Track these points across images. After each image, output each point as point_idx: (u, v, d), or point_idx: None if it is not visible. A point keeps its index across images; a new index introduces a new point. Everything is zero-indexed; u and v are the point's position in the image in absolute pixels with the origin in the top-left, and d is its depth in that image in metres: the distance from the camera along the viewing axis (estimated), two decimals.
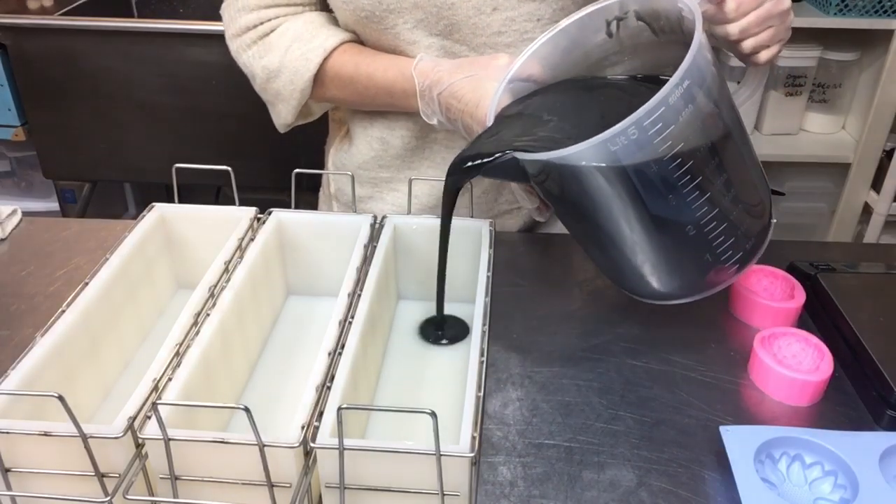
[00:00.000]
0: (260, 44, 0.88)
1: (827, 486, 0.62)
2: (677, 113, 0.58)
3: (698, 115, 0.60)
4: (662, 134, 0.58)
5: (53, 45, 1.72)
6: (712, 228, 0.64)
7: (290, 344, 0.78)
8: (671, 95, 0.57)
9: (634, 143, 0.58)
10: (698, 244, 0.65)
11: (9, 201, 1.57)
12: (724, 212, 0.64)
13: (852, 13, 1.75)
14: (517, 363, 0.75)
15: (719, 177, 0.64)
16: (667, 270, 0.69)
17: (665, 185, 0.61)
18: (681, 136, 0.59)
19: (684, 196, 0.62)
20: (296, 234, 0.80)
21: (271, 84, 0.89)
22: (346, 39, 0.88)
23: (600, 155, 0.59)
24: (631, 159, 0.59)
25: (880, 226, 1.92)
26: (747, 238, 0.68)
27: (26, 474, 0.56)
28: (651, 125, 0.57)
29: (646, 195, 0.62)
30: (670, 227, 0.64)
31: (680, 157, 0.59)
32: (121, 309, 0.72)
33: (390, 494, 0.55)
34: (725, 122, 0.64)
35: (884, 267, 0.87)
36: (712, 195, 0.63)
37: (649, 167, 0.60)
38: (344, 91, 0.88)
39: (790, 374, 0.70)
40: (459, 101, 0.77)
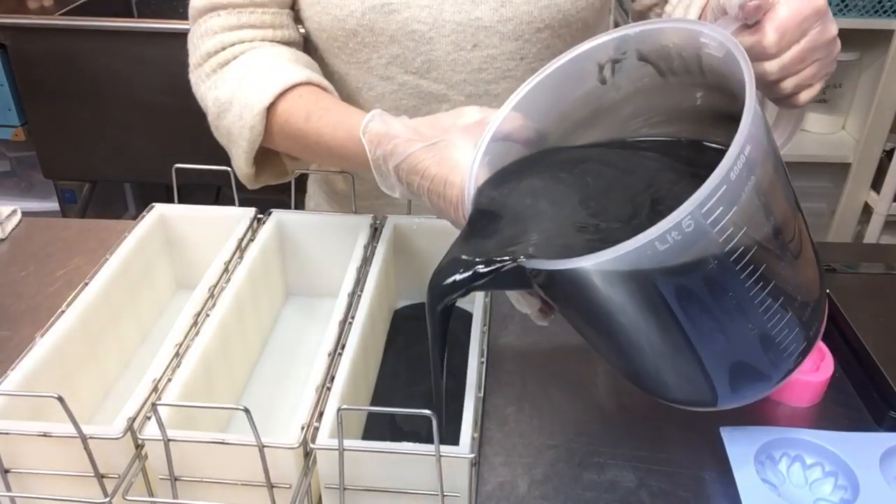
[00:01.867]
0: (217, 73, 0.78)
1: (827, 487, 0.62)
2: (739, 190, 0.44)
3: (760, 188, 0.46)
4: (723, 221, 0.44)
5: (53, 45, 1.72)
6: (776, 322, 0.51)
7: (290, 344, 0.78)
8: (733, 169, 0.43)
9: (688, 238, 0.44)
10: (760, 343, 0.52)
11: (9, 201, 1.57)
12: (789, 299, 0.51)
13: (852, 13, 1.75)
14: (517, 363, 0.75)
15: (784, 257, 0.51)
16: (722, 379, 0.54)
17: (723, 282, 0.47)
18: (743, 219, 0.45)
19: (746, 291, 0.48)
20: (296, 235, 0.80)
21: (222, 120, 0.77)
22: (309, 80, 0.75)
23: (643, 258, 0.44)
24: (681, 258, 0.45)
25: (880, 226, 1.92)
26: (811, 323, 0.55)
27: (26, 475, 0.56)
28: (710, 212, 0.43)
29: (698, 297, 0.48)
30: (727, 331, 0.51)
31: (742, 246, 0.46)
32: (121, 309, 0.72)
33: (390, 495, 0.55)
34: (783, 186, 0.51)
35: (884, 267, 0.87)
36: (777, 283, 0.50)
37: (705, 264, 0.46)
38: (294, 144, 0.76)
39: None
40: (422, 177, 0.60)
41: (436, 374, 0.58)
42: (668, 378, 0.55)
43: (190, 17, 0.80)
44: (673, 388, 0.56)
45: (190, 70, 0.81)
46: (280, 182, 0.86)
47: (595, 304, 0.49)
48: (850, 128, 1.99)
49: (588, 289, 0.48)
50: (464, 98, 0.82)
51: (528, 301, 0.59)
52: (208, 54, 0.78)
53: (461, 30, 0.78)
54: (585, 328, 0.56)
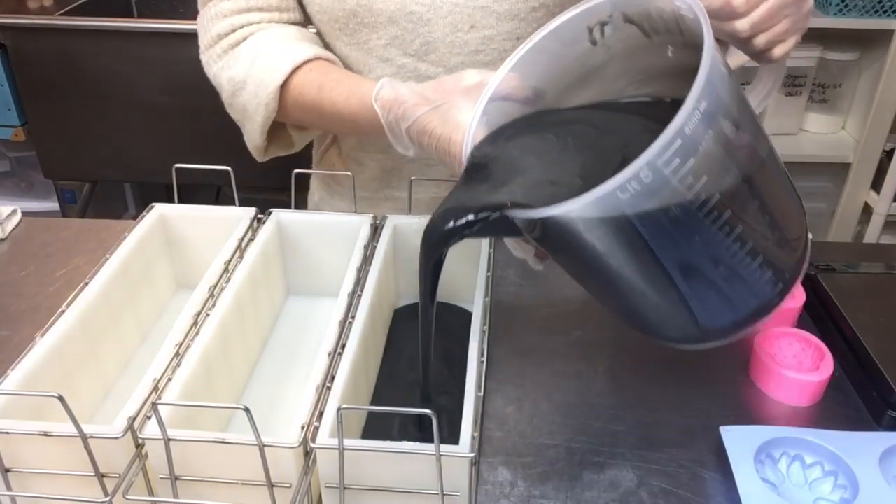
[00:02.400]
0: (230, 54, 0.83)
1: (827, 487, 0.62)
2: (696, 143, 0.48)
3: (720, 139, 0.49)
4: (681, 171, 0.48)
5: (53, 45, 1.72)
6: (748, 264, 0.54)
7: (290, 344, 0.78)
8: (687, 124, 0.47)
9: (648, 188, 0.48)
10: (733, 283, 0.55)
11: (9, 201, 1.57)
12: (761, 242, 0.55)
13: (852, 13, 1.75)
14: (517, 363, 0.75)
15: (751, 203, 0.54)
16: (697, 317, 0.57)
17: (689, 227, 0.51)
18: (703, 169, 0.49)
19: (712, 235, 0.52)
20: (296, 234, 0.80)
21: (237, 98, 0.82)
22: (317, 56, 0.81)
23: (608, 206, 0.49)
24: (645, 206, 0.49)
25: (880, 226, 1.92)
26: (787, 264, 0.58)
27: (26, 474, 0.56)
28: (666, 163, 0.47)
29: (666, 242, 0.51)
30: (698, 272, 0.54)
31: (704, 194, 0.49)
32: (121, 309, 0.72)
33: (390, 494, 0.55)
34: (750, 137, 0.54)
35: (884, 267, 0.87)
36: (745, 227, 0.53)
37: (668, 211, 0.49)
38: (308, 114, 0.81)
39: (790, 374, 0.70)
40: (430, 136, 0.67)
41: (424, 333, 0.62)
42: (654, 315, 0.58)
43: (199, 1, 0.84)
44: (659, 325, 0.59)
45: (201, 51, 0.86)
46: (287, 153, 0.90)
47: (576, 247, 0.53)
48: (850, 128, 1.99)
49: (567, 234, 0.52)
50: None
51: (523, 248, 0.65)
52: (219, 36, 0.83)
53: (458, 11, 0.80)
54: (574, 270, 0.60)
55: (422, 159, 0.90)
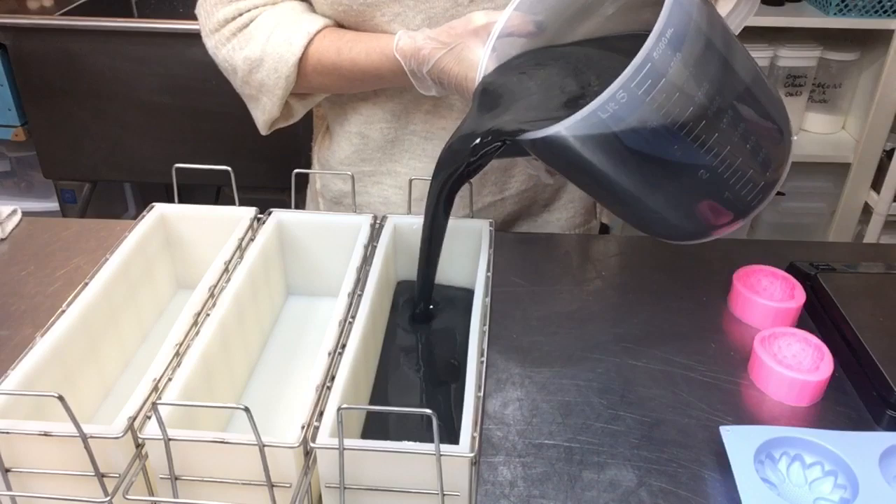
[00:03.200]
0: (239, 35, 0.86)
1: (827, 487, 0.62)
2: (665, 66, 0.55)
3: (689, 60, 0.56)
4: (653, 91, 0.55)
5: (53, 45, 1.72)
6: (726, 167, 0.62)
7: (290, 344, 0.78)
8: (654, 50, 0.54)
9: (626, 107, 0.55)
10: (715, 185, 0.63)
11: (9, 201, 1.57)
12: (737, 149, 0.62)
13: (852, 13, 1.75)
14: (517, 363, 0.75)
15: (725, 114, 0.60)
16: (688, 214, 0.66)
17: (668, 138, 0.58)
18: (674, 87, 0.56)
19: (690, 144, 0.59)
20: (296, 234, 0.80)
21: (254, 75, 0.86)
22: (327, 24, 0.86)
23: (593, 125, 0.57)
24: (627, 123, 0.56)
25: (880, 226, 1.92)
26: (766, 166, 0.66)
27: (26, 474, 0.56)
28: (638, 86, 0.54)
29: (650, 153, 0.59)
30: (682, 177, 0.62)
31: (678, 108, 0.57)
32: (121, 309, 0.72)
33: (390, 494, 0.55)
34: (722, 56, 0.60)
35: (884, 267, 0.87)
36: (720, 136, 0.60)
37: (647, 125, 0.57)
38: (329, 78, 0.86)
39: (790, 374, 0.70)
40: (448, 75, 0.76)
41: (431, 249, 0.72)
42: (649, 215, 0.67)
43: None
44: (658, 224, 0.69)
45: (204, 35, 0.89)
46: (288, 123, 0.95)
47: (574, 161, 0.61)
48: (850, 128, 1.99)
49: (564, 151, 0.60)
50: None
51: (533, 165, 0.76)
52: (225, 20, 0.86)
53: None
54: (578, 180, 0.71)
55: (421, 132, 0.93)
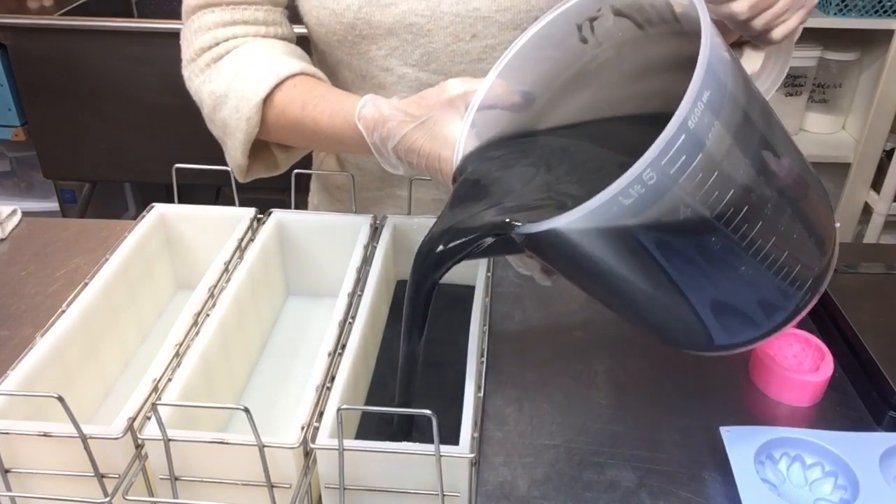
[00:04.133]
0: (212, 67, 0.78)
1: (827, 487, 0.62)
2: (702, 137, 0.44)
3: (728, 131, 0.45)
4: (687, 170, 0.44)
5: (53, 45, 1.72)
6: (766, 278, 0.51)
7: (290, 344, 0.78)
8: (690, 117, 0.43)
9: (653, 190, 0.43)
10: (749, 298, 0.53)
11: (9, 201, 1.57)
12: (783, 239, 0.51)
13: (852, 13, 1.75)
14: (517, 363, 0.75)
15: (769, 198, 0.49)
16: (710, 330, 0.54)
17: (703, 230, 0.47)
18: (711, 165, 0.45)
19: (729, 236, 0.48)
20: (296, 234, 0.80)
21: (218, 113, 0.78)
22: (303, 71, 0.77)
23: (612, 214, 0.45)
24: (652, 211, 0.45)
25: (880, 226, 1.92)
26: (813, 260, 0.55)
27: (26, 475, 0.56)
28: (671, 162, 0.43)
29: (679, 248, 0.48)
30: (719, 277, 0.51)
31: (716, 191, 0.45)
32: (121, 309, 0.72)
33: (390, 495, 0.55)
34: (761, 128, 0.50)
35: (884, 267, 0.87)
36: (765, 224, 0.49)
37: (679, 214, 0.45)
38: (291, 134, 0.77)
39: (790, 374, 0.70)
40: (418, 154, 0.64)
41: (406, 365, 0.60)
42: (662, 323, 0.56)
43: (183, 14, 0.80)
44: (669, 332, 0.57)
45: (183, 66, 0.82)
46: (271, 175, 0.86)
47: (582, 262, 0.50)
48: (850, 128, 1.99)
49: (570, 248, 0.48)
50: None
51: (526, 264, 0.62)
52: (202, 49, 0.78)
53: (459, 21, 0.78)
54: (584, 284, 0.57)
55: None
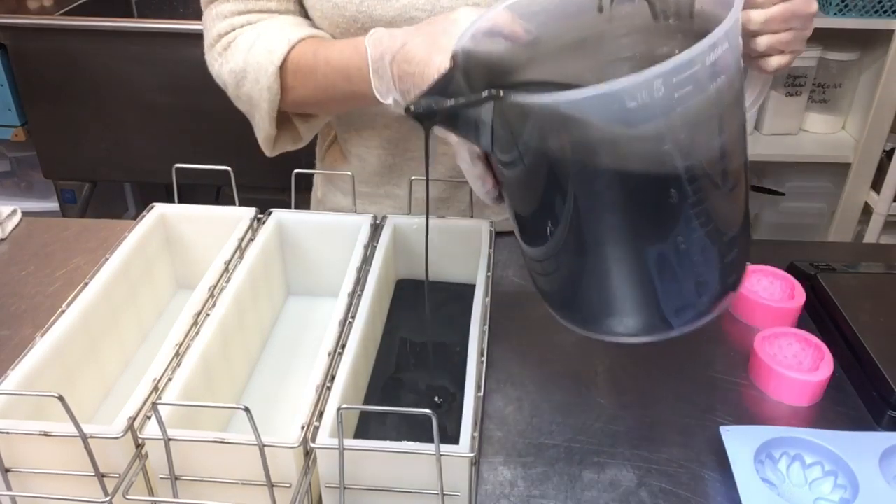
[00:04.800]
0: (228, 50, 0.83)
1: (827, 487, 0.62)
2: (707, 82, 0.47)
3: (721, 98, 0.49)
4: (688, 102, 0.46)
5: (53, 45, 1.72)
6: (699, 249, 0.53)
7: (290, 344, 0.78)
8: (707, 55, 0.46)
9: (655, 105, 0.46)
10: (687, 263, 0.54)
11: (9, 201, 1.57)
12: (719, 230, 0.54)
13: (852, 13, 1.75)
14: (517, 363, 0.75)
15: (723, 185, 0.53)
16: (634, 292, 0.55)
17: (669, 173, 0.49)
18: (702, 115, 0.48)
19: (686, 195, 0.50)
20: (296, 234, 0.80)
21: (241, 89, 0.82)
22: (315, 34, 0.81)
23: (612, 111, 0.46)
24: (644, 128, 0.47)
25: (880, 226, 1.92)
26: (732, 270, 0.57)
27: (26, 474, 0.56)
28: (679, 85, 0.46)
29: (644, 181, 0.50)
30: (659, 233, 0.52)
31: (694, 142, 0.49)
32: (121, 309, 0.72)
33: (390, 494, 0.56)
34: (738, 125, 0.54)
35: (884, 267, 0.87)
36: (711, 204, 0.52)
37: (661, 143, 0.48)
38: (307, 85, 0.80)
39: (790, 374, 0.70)
40: (410, 63, 0.64)
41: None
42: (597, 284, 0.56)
43: (202, 1, 0.85)
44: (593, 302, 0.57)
45: (205, 51, 0.86)
46: (296, 147, 0.90)
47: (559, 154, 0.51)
48: (850, 128, 1.99)
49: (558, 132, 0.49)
50: None
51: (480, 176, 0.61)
52: (219, 35, 0.83)
53: None
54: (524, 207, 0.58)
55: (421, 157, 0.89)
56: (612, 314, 0.57)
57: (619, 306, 0.57)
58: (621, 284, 0.55)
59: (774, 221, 2.07)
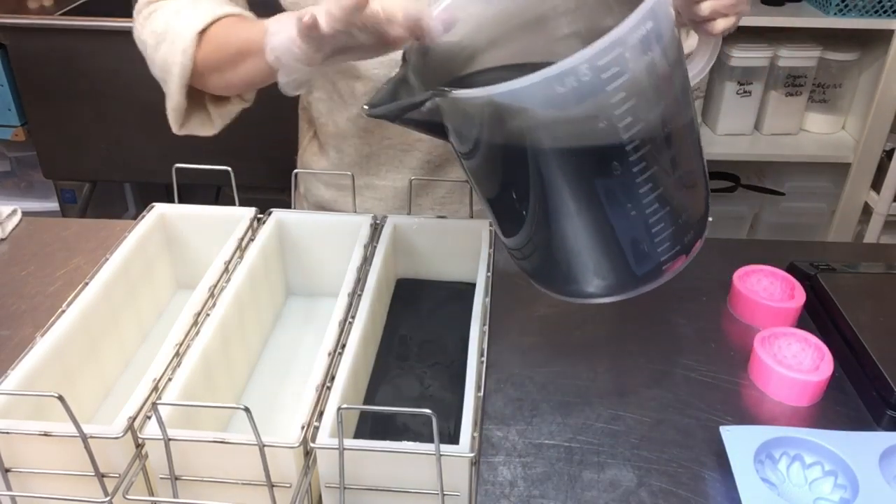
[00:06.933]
0: (155, 13, 0.82)
1: (827, 486, 0.62)
2: (635, 60, 0.50)
3: (654, 70, 0.52)
4: (616, 81, 0.49)
5: (53, 45, 1.72)
6: (655, 210, 0.56)
7: (290, 344, 0.78)
8: (630, 35, 0.49)
9: (585, 88, 0.49)
10: (638, 227, 0.57)
11: (9, 201, 1.57)
12: (669, 193, 0.57)
13: (852, 13, 1.75)
14: (517, 363, 0.75)
15: (667, 150, 0.56)
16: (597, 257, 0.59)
17: (610, 146, 0.52)
18: (634, 90, 0.51)
19: (630, 165, 0.53)
20: (296, 234, 0.80)
21: (158, 52, 0.80)
22: (240, 14, 0.80)
23: (544, 97, 0.50)
24: (577, 110, 0.50)
25: (880, 226, 1.92)
26: (687, 229, 0.60)
27: (26, 474, 0.56)
28: (606, 67, 0.49)
29: (587, 157, 0.54)
30: (610, 202, 0.56)
31: (630, 116, 0.51)
32: (121, 309, 0.72)
33: (390, 494, 0.56)
34: (679, 91, 0.56)
35: (884, 267, 0.87)
36: (658, 169, 0.55)
37: (596, 121, 0.51)
38: (221, 58, 0.77)
39: (790, 374, 0.70)
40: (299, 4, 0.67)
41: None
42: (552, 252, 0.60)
43: None
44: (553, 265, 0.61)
45: (133, 16, 0.85)
46: (205, 134, 0.88)
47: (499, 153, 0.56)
48: (850, 128, 1.99)
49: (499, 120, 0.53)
50: None
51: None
52: (147, 2, 0.83)
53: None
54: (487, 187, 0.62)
55: (398, 145, 0.92)
56: (582, 279, 0.61)
57: (587, 271, 0.60)
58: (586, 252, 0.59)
59: (774, 221, 2.07)
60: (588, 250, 0.59)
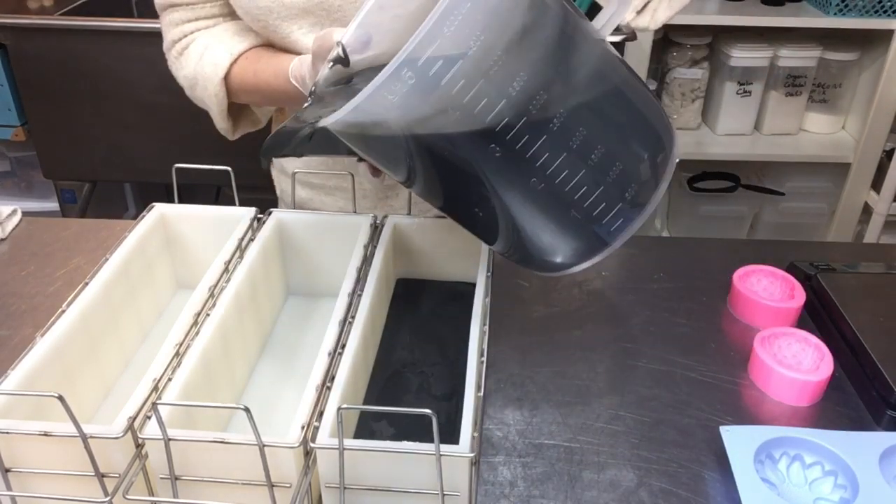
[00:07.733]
0: (182, 56, 0.91)
1: (827, 486, 0.62)
2: (464, 44, 0.48)
3: (499, 44, 0.49)
4: (448, 74, 0.48)
5: (53, 45, 1.72)
6: (565, 180, 0.55)
7: (290, 344, 0.78)
8: (445, 25, 0.47)
9: (418, 89, 0.48)
10: (553, 200, 0.56)
11: (9, 201, 1.57)
12: (577, 156, 0.55)
13: (852, 13, 1.75)
14: (517, 363, 0.75)
15: (557, 117, 0.54)
16: (543, 232, 0.59)
17: (480, 132, 0.51)
18: (478, 73, 0.49)
19: (511, 143, 0.52)
20: (296, 234, 0.80)
21: (194, 92, 0.92)
22: (252, 45, 0.89)
23: (383, 108, 0.49)
24: (424, 108, 0.49)
25: (880, 226, 1.92)
26: (623, 186, 0.58)
27: (26, 474, 0.56)
28: (428, 64, 0.47)
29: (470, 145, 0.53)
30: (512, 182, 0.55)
31: (485, 98, 0.49)
32: (121, 309, 0.72)
33: (390, 494, 0.55)
34: (553, 53, 0.53)
35: (884, 267, 0.87)
36: (550, 138, 0.53)
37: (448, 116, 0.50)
38: (255, 97, 0.91)
39: (790, 374, 0.70)
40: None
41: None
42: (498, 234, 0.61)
43: (157, 6, 0.92)
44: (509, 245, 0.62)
45: (164, 50, 0.95)
46: (257, 129, 0.99)
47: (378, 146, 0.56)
48: (850, 128, 1.99)
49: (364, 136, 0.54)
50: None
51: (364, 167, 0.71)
52: (173, 42, 0.92)
53: None
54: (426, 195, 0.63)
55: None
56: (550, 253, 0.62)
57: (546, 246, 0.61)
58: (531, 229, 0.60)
59: (774, 221, 2.07)
60: (532, 227, 0.59)
